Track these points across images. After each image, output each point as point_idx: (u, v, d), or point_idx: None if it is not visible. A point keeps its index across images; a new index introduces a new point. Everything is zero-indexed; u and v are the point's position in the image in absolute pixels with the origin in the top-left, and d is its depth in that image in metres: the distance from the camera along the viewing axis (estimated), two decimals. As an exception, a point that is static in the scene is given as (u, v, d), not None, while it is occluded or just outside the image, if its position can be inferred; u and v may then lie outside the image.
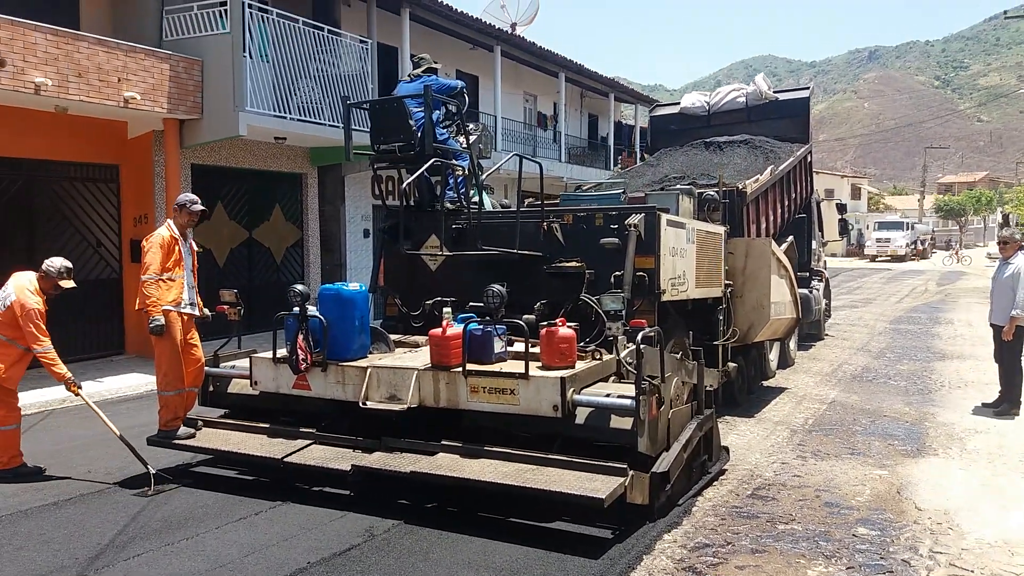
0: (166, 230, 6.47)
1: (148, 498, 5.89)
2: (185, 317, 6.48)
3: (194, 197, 6.72)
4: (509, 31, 21.63)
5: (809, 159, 12.90)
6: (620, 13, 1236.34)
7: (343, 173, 15.75)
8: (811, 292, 12.60)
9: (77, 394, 6.44)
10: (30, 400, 8.81)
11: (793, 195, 11.84)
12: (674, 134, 13.77)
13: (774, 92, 13.52)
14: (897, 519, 5.57)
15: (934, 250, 56.16)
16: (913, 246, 50.93)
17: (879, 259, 49.53)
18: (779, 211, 11.06)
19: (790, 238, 11.37)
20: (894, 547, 5.07)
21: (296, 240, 15.59)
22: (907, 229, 52.22)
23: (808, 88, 14.19)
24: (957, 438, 7.81)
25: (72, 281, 6.57)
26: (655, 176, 11.51)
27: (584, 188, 11.44)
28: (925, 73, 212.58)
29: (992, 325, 9.17)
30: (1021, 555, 4.93)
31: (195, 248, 6.78)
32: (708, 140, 12.74)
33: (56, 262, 6.49)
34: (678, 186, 9.21)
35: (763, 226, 10.25)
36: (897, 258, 48.81)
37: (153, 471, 6.18)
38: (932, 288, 28.67)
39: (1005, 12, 33.07)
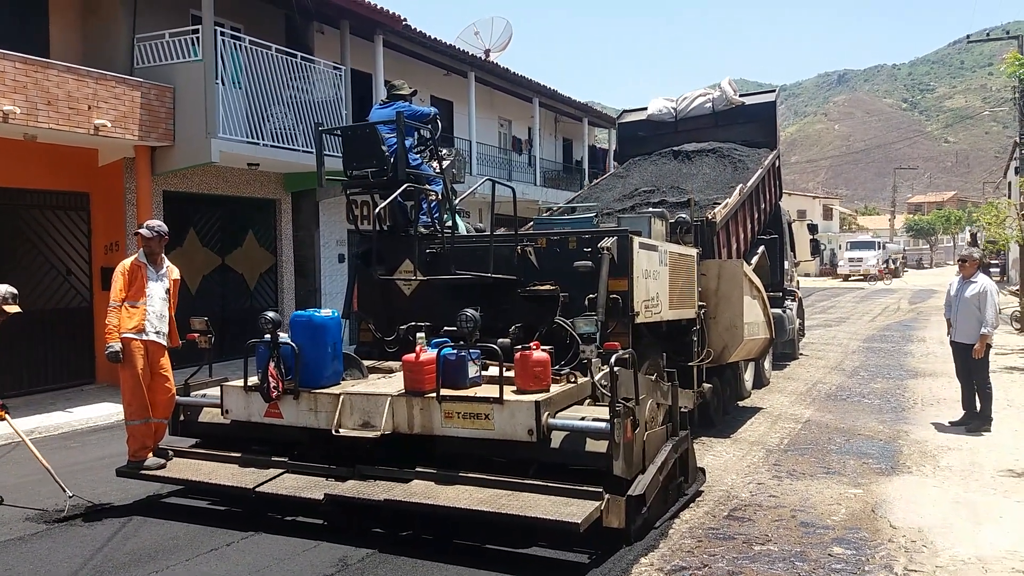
0: (132, 257, 6.46)
1: (116, 530, 5.77)
2: (151, 346, 6.39)
3: (151, 223, 6.65)
4: (483, 57, 21.76)
5: (777, 164, 12.88)
6: (593, 39, 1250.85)
7: (317, 198, 15.70)
8: (784, 312, 12.66)
9: (4, 418, 6.50)
10: (-4, 432, 8.63)
11: (763, 205, 11.89)
12: (642, 141, 13.67)
13: (740, 96, 13.57)
14: (872, 537, 5.59)
15: (906, 269, 56.82)
16: (885, 265, 51.47)
17: (851, 279, 50.05)
18: (749, 226, 11.10)
19: (761, 248, 11.41)
20: (869, 566, 5.08)
21: (270, 266, 15.48)
22: (879, 249, 52.83)
23: (774, 91, 14.17)
24: (930, 455, 7.87)
25: (17, 306, 6.60)
26: (625, 189, 11.50)
27: (554, 211, 11.45)
28: (893, 96, 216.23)
29: (955, 343, 9.15)
30: (995, 572, 4.96)
31: (174, 276, 6.72)
32: (676, 149, 12.67)
33: (1, 288, 6.54)
34: (649, 209, 9.26)
35: (734, 247, 10.31)
36: (870, 277, 49.33)
37: (71, 502, 6.14)
38: (904, 307, 29.02)
39: (968, 36, 33.68)
